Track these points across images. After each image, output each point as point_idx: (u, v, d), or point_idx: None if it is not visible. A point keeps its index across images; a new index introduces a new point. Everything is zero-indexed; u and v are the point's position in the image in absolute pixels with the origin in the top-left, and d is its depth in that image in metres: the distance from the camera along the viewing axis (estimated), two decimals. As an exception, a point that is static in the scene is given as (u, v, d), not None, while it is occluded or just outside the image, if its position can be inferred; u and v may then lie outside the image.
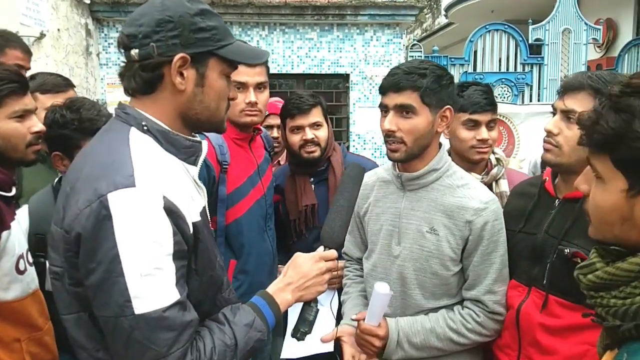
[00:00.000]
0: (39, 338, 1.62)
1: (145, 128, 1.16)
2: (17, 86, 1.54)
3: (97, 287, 1.03)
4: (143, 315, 1.01)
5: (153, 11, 1.13)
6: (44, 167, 2.24)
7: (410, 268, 1.65)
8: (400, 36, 6.71)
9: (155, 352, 1.03)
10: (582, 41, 6.60)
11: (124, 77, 1.19)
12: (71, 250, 1.07)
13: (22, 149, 1.59)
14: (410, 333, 1.62)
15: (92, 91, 6.03)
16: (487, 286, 1.62)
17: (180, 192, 1.12)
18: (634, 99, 0.81)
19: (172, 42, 1.12)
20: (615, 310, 0.81)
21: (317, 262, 1.34)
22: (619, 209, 0.83)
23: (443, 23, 12.25)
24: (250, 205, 2.10)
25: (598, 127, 0.84)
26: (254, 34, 6.47)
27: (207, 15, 1.17)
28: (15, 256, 1.53)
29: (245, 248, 2.08)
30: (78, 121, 1.75)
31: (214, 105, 1.22)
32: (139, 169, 1.06)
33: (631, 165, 0.81)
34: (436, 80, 1.57)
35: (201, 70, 1.17)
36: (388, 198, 1.73)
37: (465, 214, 1.60)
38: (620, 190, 0.82)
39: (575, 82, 1.53)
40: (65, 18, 5.44)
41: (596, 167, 0.88)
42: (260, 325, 1.21)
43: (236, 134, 2.11)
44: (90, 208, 1.02)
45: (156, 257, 1.03)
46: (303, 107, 2.22)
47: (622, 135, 0.80)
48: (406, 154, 1.60)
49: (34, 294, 1.62)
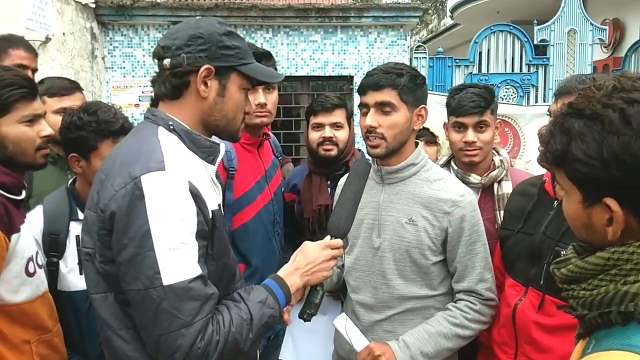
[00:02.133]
0: (49, 340, 1.63)
1: (172, 127, 1.31)
2: (26, 91, 1.56)
3: (129, 261, 1.14)
4: (171, 286, 1.12)
5: (188, 28, 1.31)
6: (54, 169, 2.27)
7: (391, 258, 1.72)
8: (405, 38, 6.71)
9: (182, 321, 1.13)
10: (588, 42, 6.57)
11: (155, 83, 1.35)
12: (105, 228, 1.20)
13: (31, 153, 1.60)
14: (420, 344, 1.65)
15: (97, 95, 6.05)
16: (478, 275, 1.69)
17: (201, 181, 1.26)
18: (573, 120, 0.86)
19: (200, 55, 1.29)
20: (583, 300, 0.88)
21: (323, 249, 1.45)
22: (579, 217, 0.91)
23: (448, 24, 12.25)
24: (257, 211, 2.11)
25: (549, 146, 0.91)
26: (258, 36, 6.49)
27: (232, 36, 1.35)
28: (25, 259, 1.54)
29: (252, 253, 2.09)
30: (96, 123, 1.79)
31: (232, 114, 1.38)
32: (168, 156, 1.21)
33: (579, 181, 0.87)
34: (412, 79, 1.68)
35: (223, 82, 1.34)
36: (368, 193, 1.78)
37: (443, 206, 1.68)
38: (577, 202, 0.90)
39: (567, 86, 1.60)
40: (71, 22, 5.47)
41: (558, 180, 0.95)
42: (272, 303, 1.31)
43: (245, 139, 2.12)
44: (125, 189, 1.16)
45: (182, 233, 1.15)
46: (326, 105, 2.30)
47: (564, 156, 0.87)
48: (386, 149, 1.70)
49: (43, 296, 1.63)
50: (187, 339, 1.13)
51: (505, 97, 6.45)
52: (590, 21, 6.59)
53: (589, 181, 0.85)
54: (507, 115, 5.31)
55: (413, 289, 1.72)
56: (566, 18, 6.58)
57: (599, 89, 0.87)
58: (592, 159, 0.82)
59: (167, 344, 1.13)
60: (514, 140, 5.30)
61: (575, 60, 6.57)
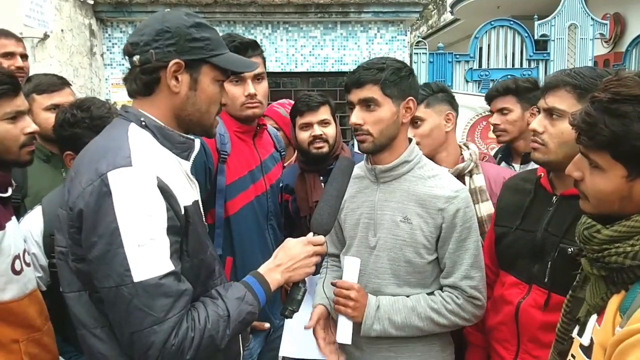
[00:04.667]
0: (38, 339, 1.61)
1: (144, 123, 1.29)
2: (8, 88, 1.54)
3: (100, 259, 1.14)
4: (141, 283, 1.12)
5: (155, 23, 1.29)
6: (49, 167, 2.25)
7: (385, 258, 1.71)
8: (405, 33, 6.68)
9: (154, 318, 1.12)
10: (588, 36, 6.54)
11: (127, 81, 1.34)
12: (74, 226, 1.19)
13: (15, 151, 1.59)
14: (391, 311, 1.67)
15: (96, 91, 6.05)
16: (464, 272, 1.68)
17: (173, 177, 1.24)
18: (627, 106, 1.00)
19: (168, 49, 1.27)
20: (634, 253, 1.02)
21: (305, 245, 1.45)
22: (619, 191, 1.05)
23: (449, 19, 12.20)
24: (249, 200, 2.08)
25: (598, 129, 1.03)
26: (258, 32, 6.47)
27: (201, 27, 1.32)
28: (11, 257, 1.53)
29: (241, 244, 2.06)
30: (89, 119, 1.77)
31: (205, 108, 1.36)
32: (135, 151, 1.20)
33: (630, 157, 1.02)
34: (395, 73, 1.66)
35: (194, 76, 1.31)
36: (363, 192, 1.79)
37: (437, 202, 1.67)
38: (620, 177, 1.04)
39: (555, 80, 1.57)
40: (69, 19, 5.46)
41: (595, 160, 1.07)
42: (251, 300, 1.30)
43: (238, 127, 2.10)
44: (93, 186, 1.15)
45: (151, 229, 1.14)
46: (312, 104, 2.32)
47: (623, 136, 1.00)
48: (374, 144, 1.69)
49: (32, 294, 1.61)
50: (160, 335, 1.12)
51: (505, 92, 6.41)
52: (591, 16, 6.55)
53: None
54: (507, 110, 5.27)
55: (406, 289, 1.71)
56: (567, 13, 6.55)
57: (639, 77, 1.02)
58: None
59: (140, 341, 1.13)
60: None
61: (576, 55, 6.54)
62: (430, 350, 1.74)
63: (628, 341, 0.93)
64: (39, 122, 2.02)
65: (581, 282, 1.24)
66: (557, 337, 1.28)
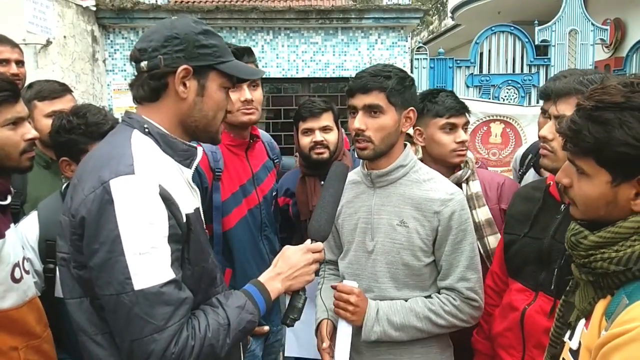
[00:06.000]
0: (38, 346, 1.60)
1: (147, 130, 1.29)
2: (8, 94, 1.54)
3: (101, 266, 1.14)
4: (142, 291, 1.12)
5: (163, 29, 1.30)
6: (48, 174, 2.25)
7: (383, 261, 1.72)
8: (405, 39, 6.70)
9: (154, 326, 1.12)
10: (589, 42, 6.54)
11: (133, 87, 1.33)
12: (76, 233, 1.19)
13: (15, 157, 1.59)
14: (390, 312, 1.68)
15: (98, 97, 6.07)
16: (460, 274, 1.69)
17: (175, 185, 1.24)
18: (609, 113, 1.03)
19: (177, 55, 1.28)
20: (617, 259, 1.03)
21: (304, 253, 1.45)
22: (604, 196, 1.07)
23: (449, 25, 12.22)
24: (242, 215, 2.10)
25: (582, 136, 1.06)
26: (259, 38, 6.49)
27: (209, 34, 1.33)
28: (11, 264, 1.53)
29: (237, 257, 2.08)
30: (85, 125, 1.77)
31: (212, 114, 1.36)
32: (137, 159, 1.20)
33: (613, 163, 1.04)
34: (400, 82, 1.68)
35: (202, 82, 1.32)
36: (359, 197, 1.80)
37: (432, 205, 1.68)
38: (605, 182, 1.06)
39: (566, 87, 1.57)
40: (72, 25, 5.50)
41: (581, 166, 1.10)
42: (251, 308, 1.30)
43: (230, 140, 2.11)
44: (95, 193, 1.15)
45: (153, 237, 1.14)
46: (314, 110, 2.33)
47: (606, 142, 1.03)
48: (374, 151, 1.70)
49: (31, 302, 1.61)
50: (160, 344, 1.12)
51: (506, 97, 6.43)
52: (592, 21, 6.56)
53: (626, 163, 1.02)
54: (508, 115, 5.28)
55: (405, 292, 1.72)
56: (567, 18, 6.56)
57: (622, 86, 1.05)
58: (638, 142, 0.99)
59: (140, 349, 1.13)
60: (516, 140, 5.27)
61: (576, 61, 6.55)
62: (428, 352, 1.74)
63: (610, 344, 0.96)
64: (39, 128, 2.02)
65: (573, 287, 1.25)
66: (550, 341, 1.29)
